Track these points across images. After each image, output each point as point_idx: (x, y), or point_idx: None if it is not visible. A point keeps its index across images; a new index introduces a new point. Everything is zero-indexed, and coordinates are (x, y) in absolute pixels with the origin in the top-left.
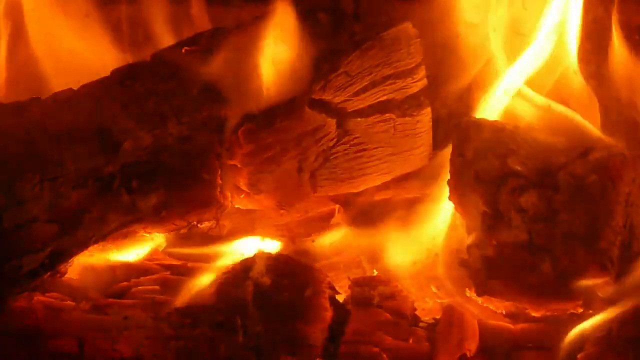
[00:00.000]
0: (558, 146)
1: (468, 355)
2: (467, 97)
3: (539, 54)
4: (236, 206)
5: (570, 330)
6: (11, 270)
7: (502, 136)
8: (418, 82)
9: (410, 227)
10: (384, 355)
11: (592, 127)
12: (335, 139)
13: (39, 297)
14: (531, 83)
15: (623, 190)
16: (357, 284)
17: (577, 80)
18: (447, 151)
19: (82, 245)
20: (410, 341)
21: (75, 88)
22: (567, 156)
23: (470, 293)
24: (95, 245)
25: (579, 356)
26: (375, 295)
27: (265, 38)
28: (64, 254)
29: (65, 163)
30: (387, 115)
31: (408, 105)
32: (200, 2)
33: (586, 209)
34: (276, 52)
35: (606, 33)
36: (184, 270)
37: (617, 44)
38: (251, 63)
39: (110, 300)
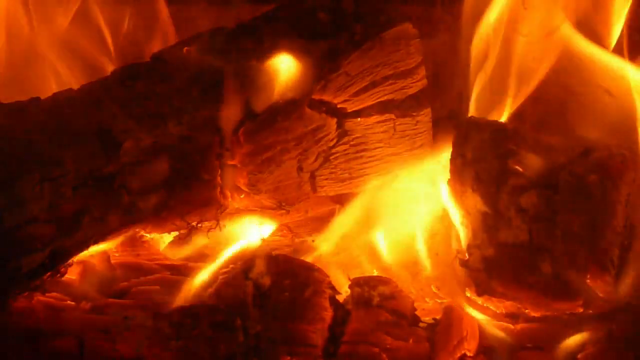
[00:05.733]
0: (558, 146)
1: (468, 355)
2: (467, 97)
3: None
4: (236, 206)
5: (570, 330)
6: (11, 270)
7: (502, 136)
8: (418, 82)
9: (410, 227)
10: (384, 355)
11: (592, 127)
12: (335, 139)
13: (39, 297)
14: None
15: (623, 190)
16: (357, 284)
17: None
18: (447, 151)
19: (82, 245)
20: (410, 341)
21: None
22: (567, 156)
23: (470, 293)
24: (95, 245)
25: (579, 356)
26: (375, 295)
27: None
28: (64, 254)
29: (65, 163)
30: (387, 115)
31: (408, 105)
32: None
33: (586, 209)
34: (276, 52)
35: None
36: (184, 270)
37: None
38: (251, 63)
39: (110, 300)
